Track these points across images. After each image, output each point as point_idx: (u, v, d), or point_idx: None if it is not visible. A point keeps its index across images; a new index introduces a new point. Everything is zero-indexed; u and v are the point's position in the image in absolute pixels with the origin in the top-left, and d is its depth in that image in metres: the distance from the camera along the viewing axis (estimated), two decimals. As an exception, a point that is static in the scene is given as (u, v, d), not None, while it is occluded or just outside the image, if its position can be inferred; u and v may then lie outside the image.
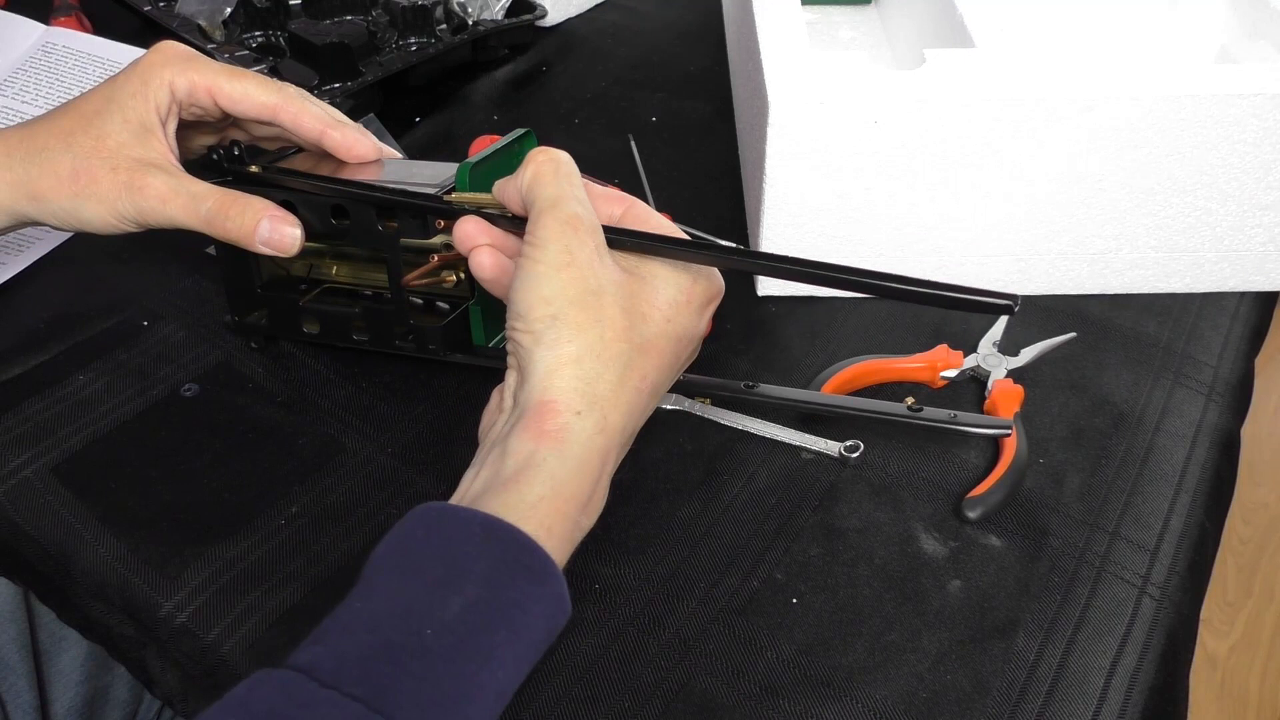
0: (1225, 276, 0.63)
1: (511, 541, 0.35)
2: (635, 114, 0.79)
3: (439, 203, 0.48)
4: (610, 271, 0.40)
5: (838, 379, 0.55)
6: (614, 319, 0.39)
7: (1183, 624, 0.48)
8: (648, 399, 0.41)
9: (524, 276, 0.40)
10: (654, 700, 0.43)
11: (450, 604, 0.34)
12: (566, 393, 0.38)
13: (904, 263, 0.61)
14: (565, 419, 0.38)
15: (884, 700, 0.43)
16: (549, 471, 0.37)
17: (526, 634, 0.35)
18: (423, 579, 0.34)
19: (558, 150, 0.43)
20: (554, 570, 0.36)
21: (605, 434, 0.39)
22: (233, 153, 0.53)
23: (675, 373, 0.43)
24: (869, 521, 0.50)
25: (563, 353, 0.38)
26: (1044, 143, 0.55)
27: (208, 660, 0.45)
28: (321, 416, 0.54)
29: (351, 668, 0.32)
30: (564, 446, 0.37)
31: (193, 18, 0.80)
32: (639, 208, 0.44)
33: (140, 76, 0.50)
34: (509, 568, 0.35)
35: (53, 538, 0.49)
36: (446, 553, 0.35)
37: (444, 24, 0.80)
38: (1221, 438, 0.55)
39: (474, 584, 0.34)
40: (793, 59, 0.57)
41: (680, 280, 0.42)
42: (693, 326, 0.43)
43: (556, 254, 0.39)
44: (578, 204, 0.41)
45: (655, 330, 0.41)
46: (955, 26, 0.63)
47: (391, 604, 0.34)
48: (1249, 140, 0.55)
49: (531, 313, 0.39)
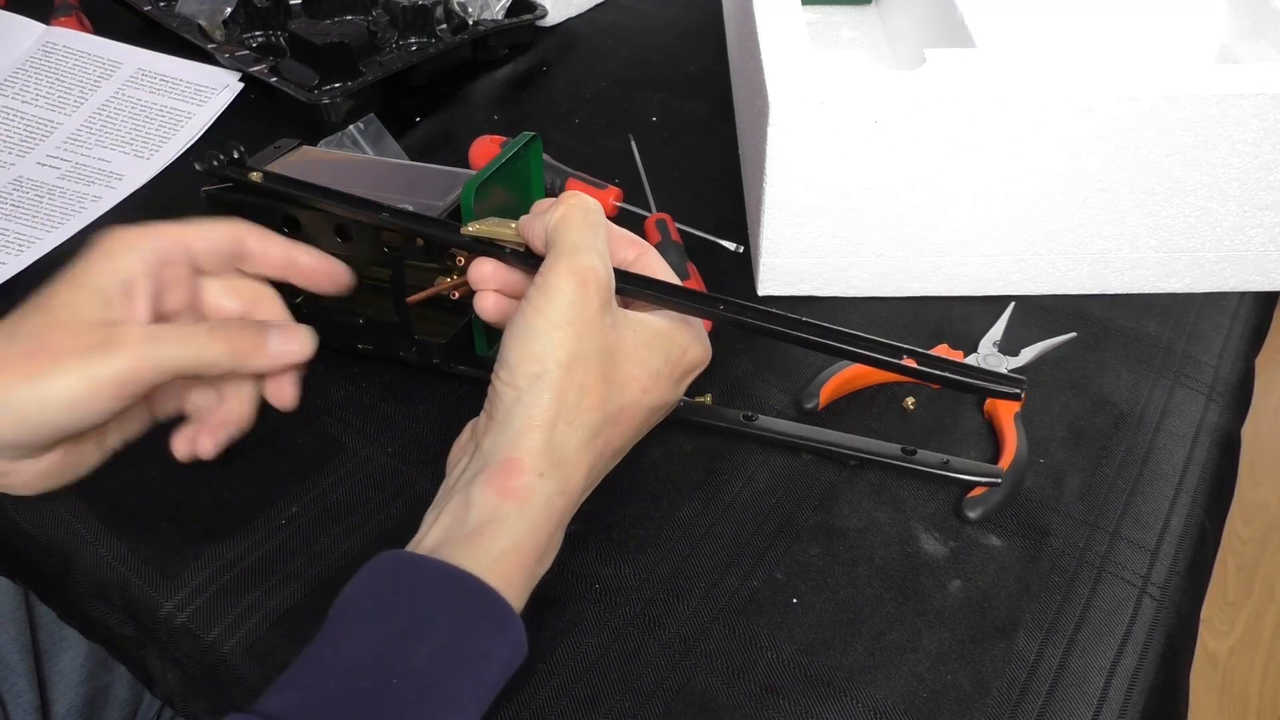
0: (1226, 276, 0.63)
1: (475, 593, 0.37)
2: (635, 114, 0.78)
3: (456, 233, 0.46)
4: (604, 336, 0.41)
5: (838, 379, 0.55)
6: (593, 387, 0.40)
7: (1183, 624, 0.48)
8: (609, 461, 0.43)
9: (521, 326, 0.40)
10: (654, 700, 0.43)
11: (418, 653, 0.35)
12: (534, 454, 0.39)
13: (904, 263, 0.61)
14: (529, 479, 0.39)
15: (884, 700, 0.43)
16: (511, 528, 0.38)
17: (488, 678, 0.37)
18: (391, 628, 0.36)
19: (589, 197, 0.43)
20: (514, 618, 0.38)
21: (566, 495, 0.40)
22: (233, 156, 0.51)
23: (640, 436, 0.44)
24: (869, 521, 0.50)
25: (538, 414, 0.39)
26: (1044, 143, 0.55)
27: (208, 660, 0.45)
28: (321, 416, 0.54)
29: (323, 715, 0.34)
30: (526, 505, 0.39)
31: (193, 18, 0.80)
32: (650, 256, 0.45)
33: (89, 258, 0.40)
34: (473, 617, 0.36)
35: (53, 537, 0.49)
36: (414, 602, 0.36)
37: (444, 24, 0.80)
38: (1222, 438, 0.55)
39: (440, 634, 0.35)
40: (793, 59, 0.57)
41: (670, 350, 0.43)
42: (668, 396, 0.44)
43: (558, 309, 0.39)
44: (595, 256, 0.41)
45: (630, 399, 0.41)
46: (955, 26, 0.63)
47: (361, 653, 0.35)
48: (1249, 140, 0.55)
49: (520, 367, 0.40)
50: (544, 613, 0.46)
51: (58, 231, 0.66)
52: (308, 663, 0.35)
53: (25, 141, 0.72)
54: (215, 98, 0.76)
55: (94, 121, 0.74)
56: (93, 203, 0.68)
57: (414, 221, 0.48)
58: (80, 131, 0.73)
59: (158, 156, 0.72)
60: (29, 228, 0.66)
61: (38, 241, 0.65)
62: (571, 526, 0.49)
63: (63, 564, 0.49)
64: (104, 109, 0.75)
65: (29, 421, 0.38)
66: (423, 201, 0.53)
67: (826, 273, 0.61)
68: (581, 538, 0.49)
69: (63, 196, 0.68)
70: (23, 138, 0.72)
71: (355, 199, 0.49)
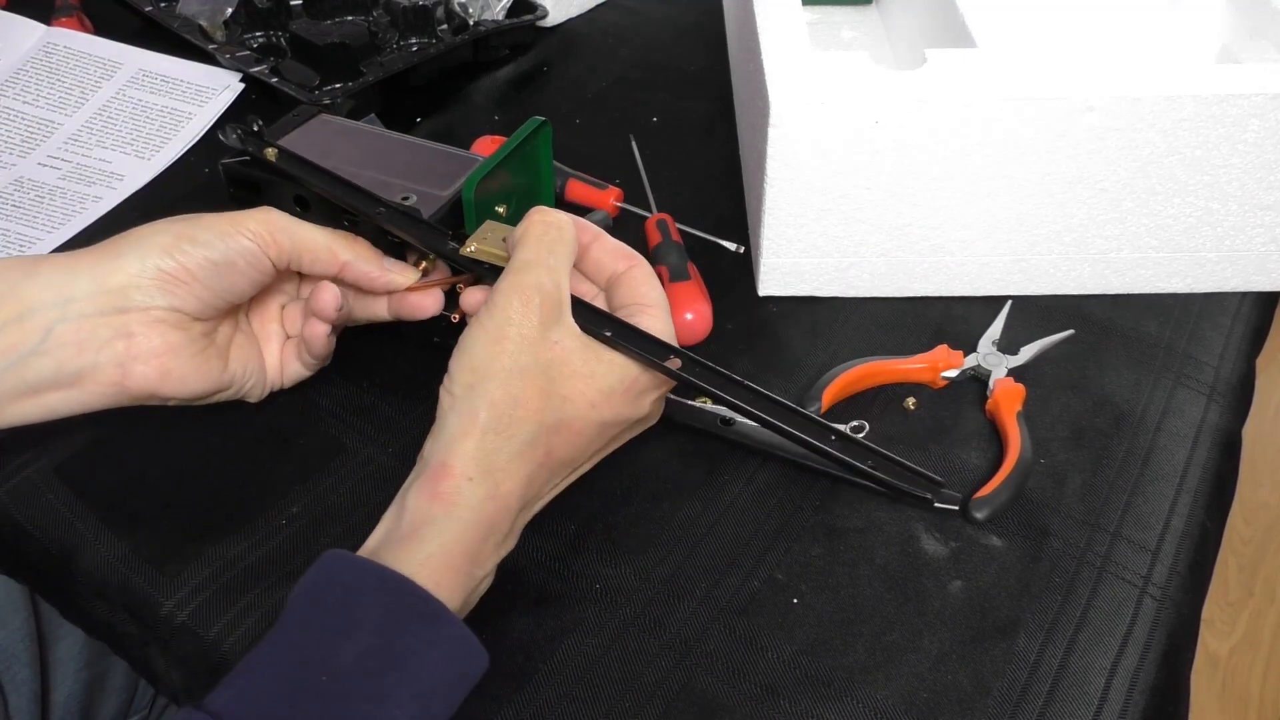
0: (1226, 277, 0.63)
1: (404, 592, 0.38)
2: (636, 114, 0.78)
3: (446, 244, 0.48)
4: (546, 351, 0.42)
5: (840, 381, 0.55)
6: (529, 399, 0.41)
7: (1184, 624, 0.48)
8: (555, 471, 0.44)
9: (464, 338, 0.43)
10: (654, 700, 0.43)
11: (344, 652, 0.37)
12: (464, 459, 0.40)
13: (905, 263, 0.61)
14: (457, 483, 0.40)
15: (885, 700, 0.43)
16: (438, 531, 0.40)
17: (425, 675, 0.37)
18: (322, 628, 0.37)
19: (561, 214, 0.45)
20: (447, 615, 0.38)
21: (496, 500, 0.41)
22: (251, 130, 0.52)
23: (601, 448, 0.46)
24: (870, 521, 0.50)
25: (471, 421, 0.41)
26: (1044, 143, 0.55)
27: (210, 658, 0.45)
28: (321, 416, 0.54)
29: (255, 711, 0.36)
30: (453, 509, 0.40)
31: (194, 18, 0.80)
32: (638, 271, 0.46)
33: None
34: (402, 616, 0.38)
35: (54, 537, 0.49)
36: (345, 602, 0.38)
37: (445, 24, 0.80)
38: (1223, 438, 0.55)
39: (367, 632, 0.37)
40: (793, 59, 0.57)
41: (628, 369, 0.44)
42: (627, 412, 0.44)
43: (497, 324, 0.42)
44: (546, 273, 0.43)
45: (574, 414, 0.43)
46: (956, 26, 0.63)
47: (295, 651, 0.37)
48: (1249, 140, 0.55)
49: (458, 376, 0.42)
50: (544, 613, 0.46)
51: (58, 232, 0.66)
52: (251, 659, 0.37)
53: (26, 142, 0.72)
54: (216, 98, 0.76)
55: (95, 122, 0.74)
56: (93, 203, 0.68)
57: (408, 225, 0.48)
58: (81, 132, 0.73)
59: (158, 157, 0.72)
60: (30, 228, 0.66)
61: (38, 242, 0.65)
62: (570, 526, 0.49)
63: (64, 563, 0.49)
64: (105, 109, 0.75)
65: (183, 252, 0.45)
66: (427, 191, 0.53)
67: (827, 273, 0.61)
68: (581, 538, 0.49)
69: (63, 197, 0.68)
70: (24, 138, 0.72)
71: (357, 189, 0.50)
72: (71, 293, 0.44)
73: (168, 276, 0.45)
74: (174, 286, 0.45)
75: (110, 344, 0.44)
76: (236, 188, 0.55)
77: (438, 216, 0.53)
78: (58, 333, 0.44)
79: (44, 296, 0.43)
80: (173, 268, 0.45)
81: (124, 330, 0.45)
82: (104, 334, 0.44)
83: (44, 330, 0.43)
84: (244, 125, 0.52)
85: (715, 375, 0.45)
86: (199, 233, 0.45)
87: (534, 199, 0.59)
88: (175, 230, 0.45)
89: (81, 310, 0.44)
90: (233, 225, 0.46)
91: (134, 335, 0.45)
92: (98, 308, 0.44)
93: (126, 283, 0.44)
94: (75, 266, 0.44)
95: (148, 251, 0.44)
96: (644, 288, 0.45)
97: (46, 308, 0.43)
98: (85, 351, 0.44)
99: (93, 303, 0.44)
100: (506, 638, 0.45)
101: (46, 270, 0.44)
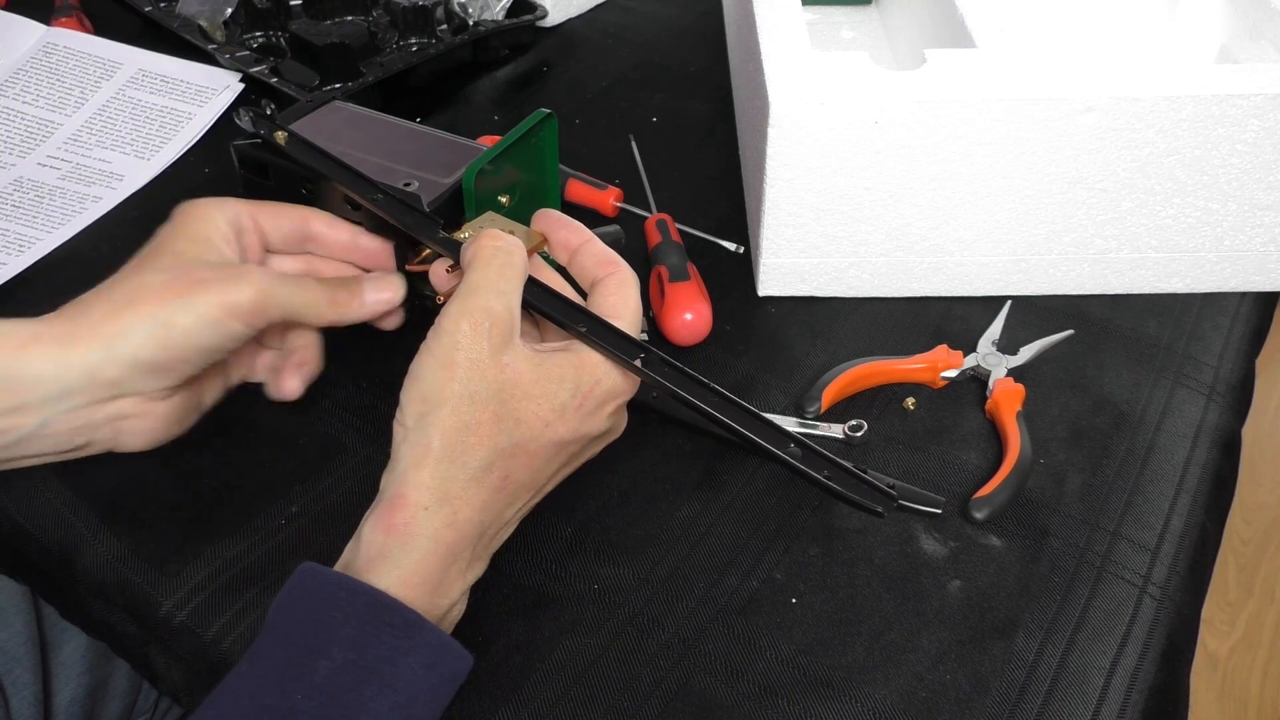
0: (1226, 277, 0.63)
1: (375, 604, 0.38)
2: (636, 114, 0.79)
3: (435, 232, 0.48)
4: (496, 374, 0.41)
5: (839, 381, 0.55)
6: (481, 424, 0.41)
7: (1183, 624, 0.48)
8: (515, 494, 0.43)
9: (414, 366, 0.42)
10: (653, 700, 0.43)
11: (318, 668, 0.37)
12: (419, 488, 0.40)
13: (904, 263, 0.61)
14: (413, 513, 0.40)
15: (883, 700, 0.43)
16: (394, 563, 0.39)
17: (403, 685, 0.37)
18: (295, 645, 0.37)
19: (512, 240, 0.45)
20: (421, 622, 0.38)
21: (454, 528, 0.40)
22: (264, 113, 0.53)
23: (562, 466, 0.45)
24: (868, 521, 0.50)
25: (424, 451, 0.40)
26: (1044, 143, 0.55)
27: (209, 657, 0.45)
28: (322, 416, 0.54)
29: None
30: (409, 540, 0.40)
31: (193, 18, 0.80)
32: (619, 276, 0.46)
33: (185, 219, 0.48)
34: (374, 628, 0.37)
35: (54, 537, 0.49)
36: (317, 617, 0.38)
37: (444, 24, 0.80)
38: (1222, 438, 0.55)
39: (341, 647, 0.37)
40: (793, 59, 0.57)
41: (580, 383, 0.43)
42: (584, 428, 0.44)
43: (446, 349, 0.41)
44: (494, 296, 0.42)
45: (529, 435, 0.42)
46: (956, 26, 0.63)
47: (268, 671, 0.37)
48: (1249, 140, 0.55)
49: (409, 406, 0.41)
50: (543, 613, 0.46)
51: (58, 232, 0.66)
52: (230, 681, 0.37)
53: (26, 142, 0.72)
54: (216, 98, 0.76)
55: (94, 122, 0.74)
56: (93, 203, 0.68)
57: (401, 211, 0.49)
58: (81, 132, 0.73)
59: (158, 157, 0.72)
60: (29, 228, 0.66)
61: (38, 242, 0.65)
62: (567, 528, 0.49)
63: (64, 563, 0.49)
64: (104, 110, 0.75)
65: (174, 343, 0.44)
66: (430, 178, 0.53)
67: (827, 273, 0.61)
68: (580, 538, 0.49)
69: (63, 197, 0.68)
70: (23, 138, 0.72)
71: (357, 175, 0.50)
72: (65, 387, 0.45)
73: (159, 367, 0.45)
74: (165, 374, 0.46)
75: (104, 426, 0.47)
76: (247, 169, 0.56)
77: (439, 203, 0.53)
78: (53, 422, 0.45)
79: (36, 392, 0.44)
80: (164, 360, 0.45)
81: (118, 414, 0.47)
82: (98, 419, 0.47)
83: (40, 420, 0.45)
84: (257, 108, 0.53)
85: (679, 375, 0.44)
86: (189, 319, 0.44)
87: (539, 193, 0.59)
88: (167, 310, 0.44)
89: (75, 404, 0.45)
90: (225, 311, 0.45)
91: (127, 417, 0.47)
92: (91, 398, 0.45)
93: (118, 376, 0.45)
94: (67, 359, 0.44)
95: (140, 345, 0.45)
96: (614, 297, 0.45)
97: (40, 403, 0.45)
98: (80, 434, 0.47)
99: (86, 395, 0.45)
100: (504, 638, 0.45)
101: (37, 361, 0.44)
